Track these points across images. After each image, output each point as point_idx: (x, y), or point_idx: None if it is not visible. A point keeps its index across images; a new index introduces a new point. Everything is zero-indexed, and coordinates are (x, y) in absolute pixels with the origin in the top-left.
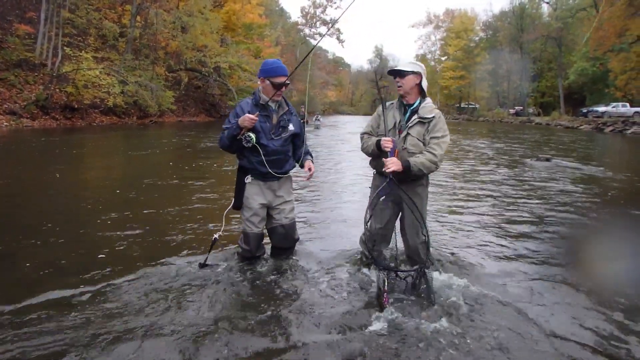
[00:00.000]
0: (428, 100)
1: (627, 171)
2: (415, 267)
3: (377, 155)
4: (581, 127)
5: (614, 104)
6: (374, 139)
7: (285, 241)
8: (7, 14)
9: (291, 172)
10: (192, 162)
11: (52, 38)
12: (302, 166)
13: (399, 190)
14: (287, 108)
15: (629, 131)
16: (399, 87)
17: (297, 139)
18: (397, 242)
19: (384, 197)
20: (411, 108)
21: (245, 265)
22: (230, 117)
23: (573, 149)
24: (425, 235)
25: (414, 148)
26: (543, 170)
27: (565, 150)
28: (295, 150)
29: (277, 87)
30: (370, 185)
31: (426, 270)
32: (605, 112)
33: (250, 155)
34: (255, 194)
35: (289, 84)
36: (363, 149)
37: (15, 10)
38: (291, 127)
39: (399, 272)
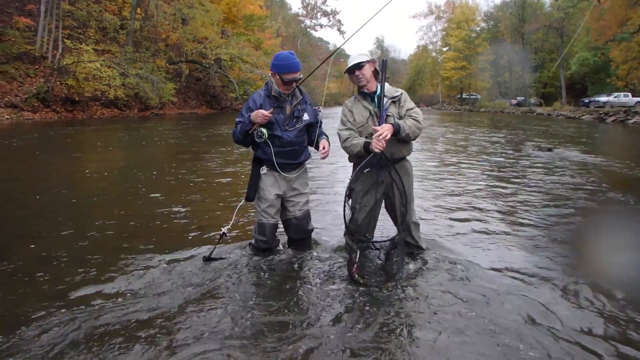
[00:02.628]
0: (385, 84)
1: (629, 161)
2: (389, 238)
3: (362, 156)
4: (583, 117)
5: (616, 94)
6: (361, 140)
7: (299, 233)
8: (6, 6)
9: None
10: (195, 155)
11: (52, 30)
12: (317, 147)
13: (388, 167)
14: (301, 97)
15: (631, 121)
16: (360, 79)
17: (313, 128)
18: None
19: (369, 188)
20: (377, 94)
21: (255, 258)
22: (243, 111)
23: (575, 139)
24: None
25: None
26: (545, 160)
27: (568, 140)
28: (310, 135)
29: (287, 83)
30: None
31: (399, 243)
32: (607, 102)
33: (265, 146)
34: (271, 185)
35: (300, 78)
36: (346, 148)
37: (14, 2)
38: (306, 116)
39: (375, 243)
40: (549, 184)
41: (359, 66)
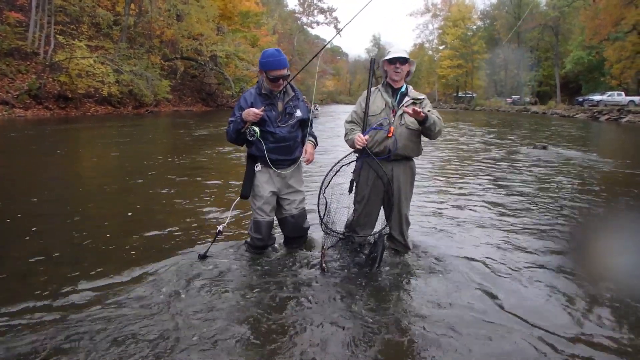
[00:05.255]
0: (409, 86)
1: (620, 158)
2: (371, 233)
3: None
4: (577, 115)
5: (610, 92)
6: (354, 136)
7: (295, 231)
8: None
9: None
10: (190, 152)
11: (44, 26)
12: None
13: (391, 164)
14: (293, 94)
15: (624, 119)
16: (398, 72)
17: (306, 125)
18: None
19: (373, 182)
20: (401, 91)
21: (250, 255)
22: (235, 110)
23: (569, 137)
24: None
25: (413, 125)
26: (539, 158)
27: (562, 138)
28: (303, 131)
29: (273, 80)
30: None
31: (378, 240)
32: (600, 100)
33: (258, 143)
34: (265, 182)
35: (288, 75)
36: (346, 140)
37: None
38: (298, 113)
39: (356, 238)
40: (544, 181)
41: (404, 60)
